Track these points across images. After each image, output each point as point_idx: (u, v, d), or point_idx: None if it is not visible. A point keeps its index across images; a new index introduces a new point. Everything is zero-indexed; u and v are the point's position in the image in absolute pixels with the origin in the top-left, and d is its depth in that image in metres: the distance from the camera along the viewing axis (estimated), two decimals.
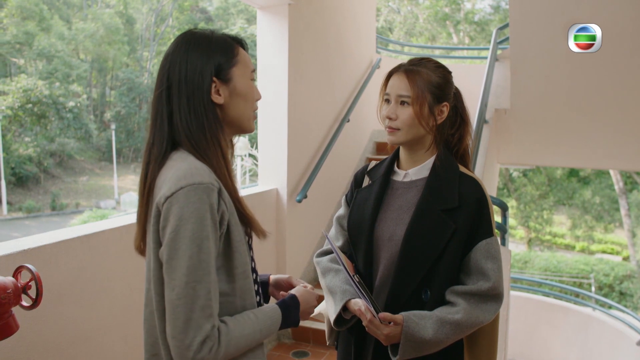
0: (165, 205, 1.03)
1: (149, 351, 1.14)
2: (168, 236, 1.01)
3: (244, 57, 1.18)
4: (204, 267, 1.01)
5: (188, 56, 1.11)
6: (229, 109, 1.15)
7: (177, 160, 1.09)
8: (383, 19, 23.18)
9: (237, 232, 1.10)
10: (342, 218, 1.59)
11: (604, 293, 14.38)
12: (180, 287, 0.99)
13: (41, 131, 23.10)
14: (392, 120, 1.40)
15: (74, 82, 24.22)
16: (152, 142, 1.13)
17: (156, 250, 1.06)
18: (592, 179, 21.08)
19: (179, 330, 0.99)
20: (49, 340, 1.98)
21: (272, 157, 3.74)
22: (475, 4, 22.46)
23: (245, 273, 1.12)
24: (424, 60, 1.43)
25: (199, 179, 1.03)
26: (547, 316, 8.36)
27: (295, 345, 3.57)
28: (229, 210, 1.08)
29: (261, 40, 3.71)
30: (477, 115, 3.93)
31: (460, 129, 1.47)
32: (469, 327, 1.31)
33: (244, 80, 1.16)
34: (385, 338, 1.28)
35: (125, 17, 28.98)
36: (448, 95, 1.42)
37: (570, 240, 21.39)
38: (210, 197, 1.03)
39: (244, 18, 27.78)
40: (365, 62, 5.31)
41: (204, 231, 1.01)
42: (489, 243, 1.35)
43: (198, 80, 1.10)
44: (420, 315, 1.29)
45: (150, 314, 1.11)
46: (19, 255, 1.84)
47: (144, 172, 1.14)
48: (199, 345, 0.98)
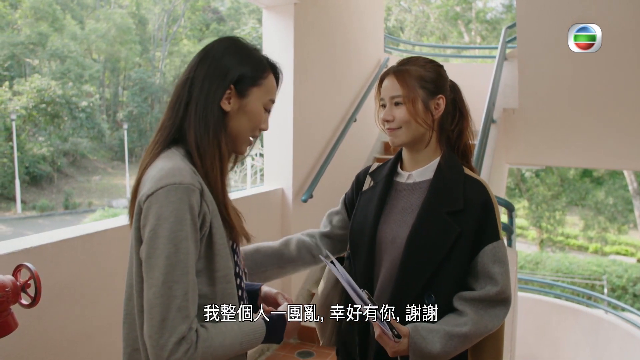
0: (145, 204, 1.03)
1: (130, 345, 1.14)
2: (147, 235, 1.02)
3: (270, 83, 1.19)
4: (182, 268, 1.01)
5: (223, 55, 1.14)
6: (232, 121, 1.16)
7: (162, 159, 1.10)
8: (394, 18, 23.12)
9: (220, 235, 1.10)
10: (333, 214, 1.59)
11: (616, 295, 14.20)
12: (157, 287, 0.99)
13: (54, 131, 23.37)
14: (390, 122, 1.38)
15: (86, 82, 24.47)
16: (164, 123, 1.15)
17: (137, 247, 1.07)
18: (606, 179, 20.85)
19: (154, 330, 0.99)
20: (50, 338, 1.99)
21: (277, 156, 3.74)
22: (486, 3, 22.35)
23: (227, 277, 1.11)
24: (413, 58, 1.43)
25: (180, 179, 1.03)
26: (557, 318, 8.28)
27: (300, 345, 3.56)
28: (211, 213, 1.08)
29: (267, 40, 3.71)
30: (485, 115, 3.90)
31: (459, 123, 1.45)
32: (477, 337, 1.30)
33: (257, 104, 1.17)
34: (393, 353, 1.26)
35: (138, 18, 29.24)
36: (442, 88, 1.40)
37: (583, 242, 21.16)
38: (190, 198, 1.02)
39: (256, 18, 27.85)
40: (373, 62, 5.30)
41: (182, 231, 1.01)
42: (495, 247, 1.32)
43: (219, 80, 1.12)
44: (427, 329, 1.26)
45: (132, 308, 1.12)
46: (21, 253, 1.85)
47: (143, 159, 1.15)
48: (174, 345, 0.98)
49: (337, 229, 1.58)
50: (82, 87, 23.94)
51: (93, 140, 25.24)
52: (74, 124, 23.61)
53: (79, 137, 24.12)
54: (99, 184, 24.89)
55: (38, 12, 24.43)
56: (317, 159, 4.04)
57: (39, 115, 22.39)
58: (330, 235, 1.58)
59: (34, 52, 24.61)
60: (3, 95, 21.31)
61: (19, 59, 24.18)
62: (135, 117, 27.73)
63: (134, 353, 1.13)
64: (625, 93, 4.21)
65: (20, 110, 21.27)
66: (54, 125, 23.24)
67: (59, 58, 24.28)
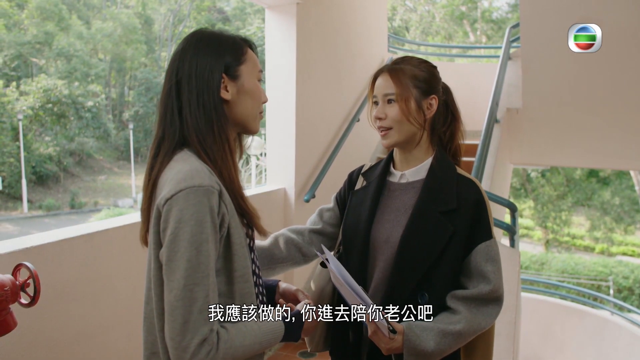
0: (165, 207, 1.03)
1: (149, 349, 1.14)
2: (167, 238, 1.02)
3: (252, 56, 1.20)
4: (203, 270, 1.01)
5: (198, 53, 1.13)
6: (236, 107, 1.16)
7: (178, 161, 1.09)
8: (399, 18, 23.09)
9: (238, 234, 1.10)
10: (324, 210, 1.58)
11: (623, 296, 14.11)
12: (179, 289, 1.00)
13: (61, 130, 23.50)
14: (382, 120, 1.38)
15: (92, 81, 24.59)
16: (163, 136, 1.14)
17: (156, 251, 1.07)
18: (612, 179, 20.71)
19: (176, 332, 0.99)
20: (51, 338, 2.00)
21: (279, 156, 3.74)
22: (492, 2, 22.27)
23: (245, 277, 1.12)
24: (407, 58, 1.43)
25: (199, 182, 1.03)
26: (562, 319, 8.23)
27: (302, 345, 3.56)
28: (229, 213, 1.08)
29: (269, 40, 3.72)
30: (488, 114, 3.88)
31: (451, 125, 1.46)
32: (470, 335, 1.31)
33: (251, 79, 1.18)
34: (387, 350, 1.27)
35: (144, 18, 29.34)
36: (435, 89, 1.40)
37: (590, 242, 21.04)
38: (210, 200, 1.03)
39: (261, 18, 27.88)
40: (377, 61, 5.29)
41: (203, 234, 1.01)
42: (488, 245, 1.33)
43: (208, 77, 1.12)
44: (421, 327, 1.27)
45: (150, 312, 1.12)
46: (22, 253, 1.86)
47: (150, 166, 1.14)
48: (196, 347, 0.99)
49: (329, 225, 1.57)
50: (88, 87, 24.06)
51: (99, 140, 25.35)
52: (80, 124, 23.73)
53: (85, 137, 24.23)
54: (104, 183, 25.00)
55: (44, 12, 24.56)
56: (319, 159, 4.04)
57: (45, 115, 22.52)
58: (320, 232, 1.57)
59: (40, 52, 24.74)
60: (10, 95, 21.46)
61: (25, 58, 24.33)
62: (141, 117, 27.81)
63: (152, 357, 1.14)
64: (630, 93, 4.18)
65: (27, 110, 21.41)
66: (60, 125, 23.36)
67: (65, 57, 24.40)
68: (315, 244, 1.55)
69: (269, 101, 3.77)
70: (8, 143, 21.12)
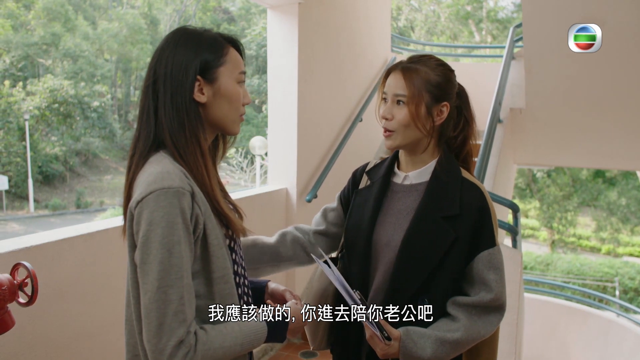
0: (136, 210, 1.03)
1: (130, 352, 1.14)
2: (140, 241, 1.02)
3: (233, 57, 1.16)
4: (176, 272, 1.01)
5: (176, 51, 1.11)
6: (212, 109, 1.14)
7: (152, 163, 1.09)
8: (404, 18, 23.04)
9: (215, 235, 1.09)
10: (328, 210, 1.57)
11: (629, 297, 14.03)
12: (152, 292, 1.00)
13: (67, 130, 23.58)
14: (388, 120, 1.35)
15: (98, 82, 24.67)
16: (139, 136, 1.13)
17: (131, 253, 1.07)
18: (619, 180, 20.59)
19: (152, 335, 0.99)
20: (51, 337, 2.00)
21: (281, 156, 3.74)
22: (497, 2, 22.17)
23: (225, 277, 1.11)
24: (424, 58, 1.37)
25: (169, 183, 1.02)
26: (567, 320, 8.18)
27: (303, 345, 3.56)
28: (204, 214, 1.07)
29: (271, 40, 3.72)
30: (490, 115, 3.87)
31: (464, 131, 1.42)
32: (469, 344, 1.29)
33: (230, 82, 1.14)
34: (383, 355, 1.26)
35: (150, 18, 29.40)
36: (448, 95, 1.35)
37: (596, 243, 20.92)
38: (181, 202, 1.02)
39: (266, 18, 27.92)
40: (380, 61, 5.28)
41: (174, 235, 1.01)
42: (491, 253, 1.30)
43: (182, 77, 1.10)
44: (419, 333, 1.25)
45: (131, 314, 1.12)
46: (21, 252, 1.87)
47: (128, 166, 1.14)
48: (173, 349, 0.98)
49: (332, 226, 1.55)
50: (94, 87, 24.13)
51: (105, 139, 25.42)
52: (86, 124, 23.80)
53: (91, 137, 24.31)
54: (110, 183, 25.08)
55: (51, 13, 24.67)
56: (321, 159, 4.03)
57: (51, 115, 22.60)
58: (325, 233, 1.56)
59: (47, 53, 24.85)
60: (17, 96, 21.56)
61: (32, 59, 24.44)
62: None
63: (134, 359, 1.14)
64: (634, 93, 4.15)
65: (33, 110, 21.49)
66: (66, 125, 23.44)
67: (71, 58, 24.50)
68: (320, 245, 1.54)
69: (271, 101, 3.79)
70: (15, 143, 21.23)
